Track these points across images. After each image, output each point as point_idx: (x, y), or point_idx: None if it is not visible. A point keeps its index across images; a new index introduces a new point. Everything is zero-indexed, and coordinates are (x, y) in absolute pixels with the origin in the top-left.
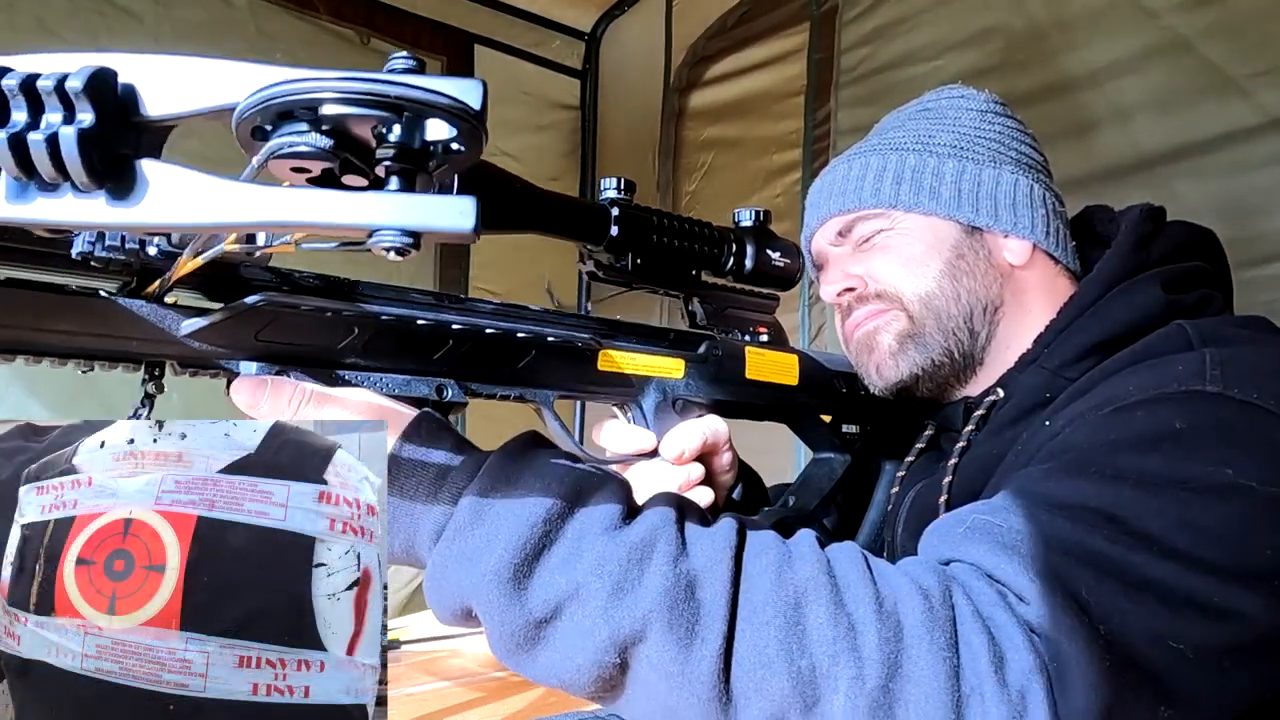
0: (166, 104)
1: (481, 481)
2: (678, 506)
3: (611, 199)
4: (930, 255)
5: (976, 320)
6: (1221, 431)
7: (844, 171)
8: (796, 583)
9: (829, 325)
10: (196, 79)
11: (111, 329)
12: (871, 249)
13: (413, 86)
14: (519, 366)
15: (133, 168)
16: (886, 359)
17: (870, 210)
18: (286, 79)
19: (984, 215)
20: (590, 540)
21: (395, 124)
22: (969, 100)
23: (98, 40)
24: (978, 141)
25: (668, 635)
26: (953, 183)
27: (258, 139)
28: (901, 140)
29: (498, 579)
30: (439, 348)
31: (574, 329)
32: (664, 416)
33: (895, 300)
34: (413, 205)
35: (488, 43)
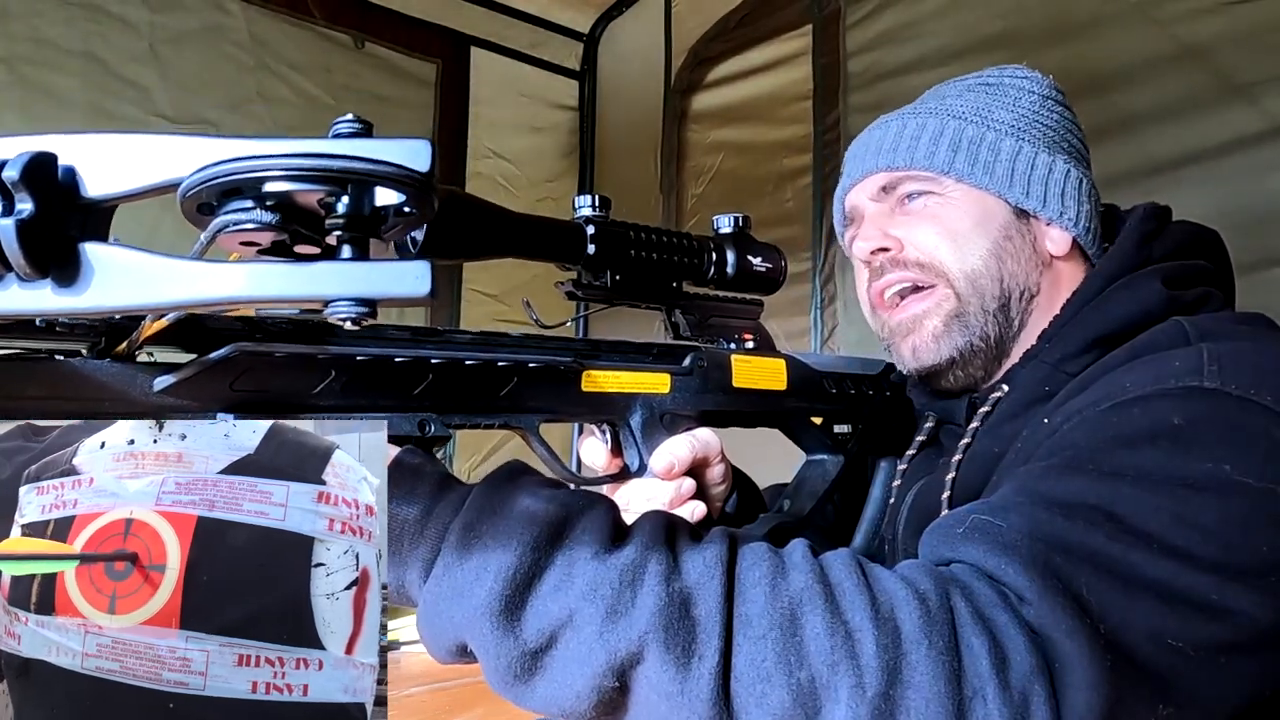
0: (109, 184)
1: (466, 516)
2: (667, 524)
3: (587, 216)
4: (978, 231)
5: (1014, 306)
6: (1219, 428)
7: (897, 128)
8: (791, 593)
9: (841, 327)
10: (138, 156)
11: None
12: (914, 214)
13: (356, 159)
14: (501, 395)
15: (78, 252)
16: (929, 341)
17: (921, 171)
18: (227, 157)
19: (1034, 199)
20: (580, 565)
21: (342, 195)
22: (1032, 82)
23: (93, 49)
24: (1035, 125)
25: (665, 655)
26: (1008, 161)
27: (204, 214)
28: (960, 109)
29: (489, 612)
30: (418, 383)
31: (555, 352)
32: (652, 432)
33: (937, 273)
34: (366, 274)
35: (484, 44)
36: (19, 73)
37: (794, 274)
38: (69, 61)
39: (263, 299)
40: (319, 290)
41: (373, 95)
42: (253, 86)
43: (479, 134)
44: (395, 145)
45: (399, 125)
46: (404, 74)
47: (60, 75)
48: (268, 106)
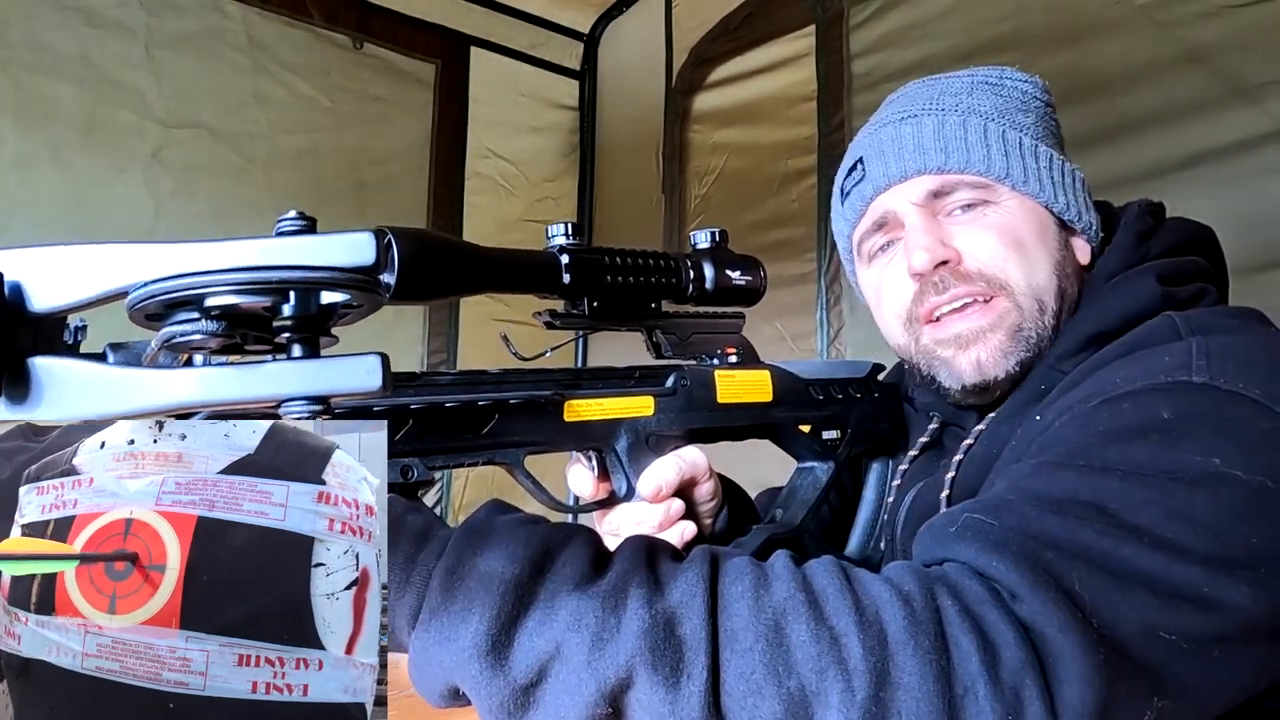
0: (56, 296)
1: (447, 561)
2: (647, 547)
3: (561, 245)
4: (1040, 243)
5: (1062, 318)
6: (1208, 422)
7: (933, 126)
8: (774, 604)
9: (848, 327)
10: (84, 267)
11: None
12: (971, 223)
13: (296, 268)
14: (483, 432)
15: (26, 367)
16: (996, 356)
17: (975, 176)
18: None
19: (1072, 210)
20: (563, 598)
21: (286, 301)
22: (1034, 87)
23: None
24: (1050, 131)
25: (654, 676)
26: (1047, 169)
27: (153, 321)
28: (986, 109)
29: (477, 653)
30: (399, 429)
31: (536, 385)
32: (639, 456)
33: (1000, 285)
34: (318, 371)
35: (484, 44)
36: (14, 78)
37: (799, 275)
38: (64, 66)
39: (216, 403)
40: (272, 391)
41: (371, 96)
42: (249, 90)
43: (479, 134)
44: (338, 242)
45: (398, 126)
46: (403, 75)
47: (56, 80)
48: (264, 110)
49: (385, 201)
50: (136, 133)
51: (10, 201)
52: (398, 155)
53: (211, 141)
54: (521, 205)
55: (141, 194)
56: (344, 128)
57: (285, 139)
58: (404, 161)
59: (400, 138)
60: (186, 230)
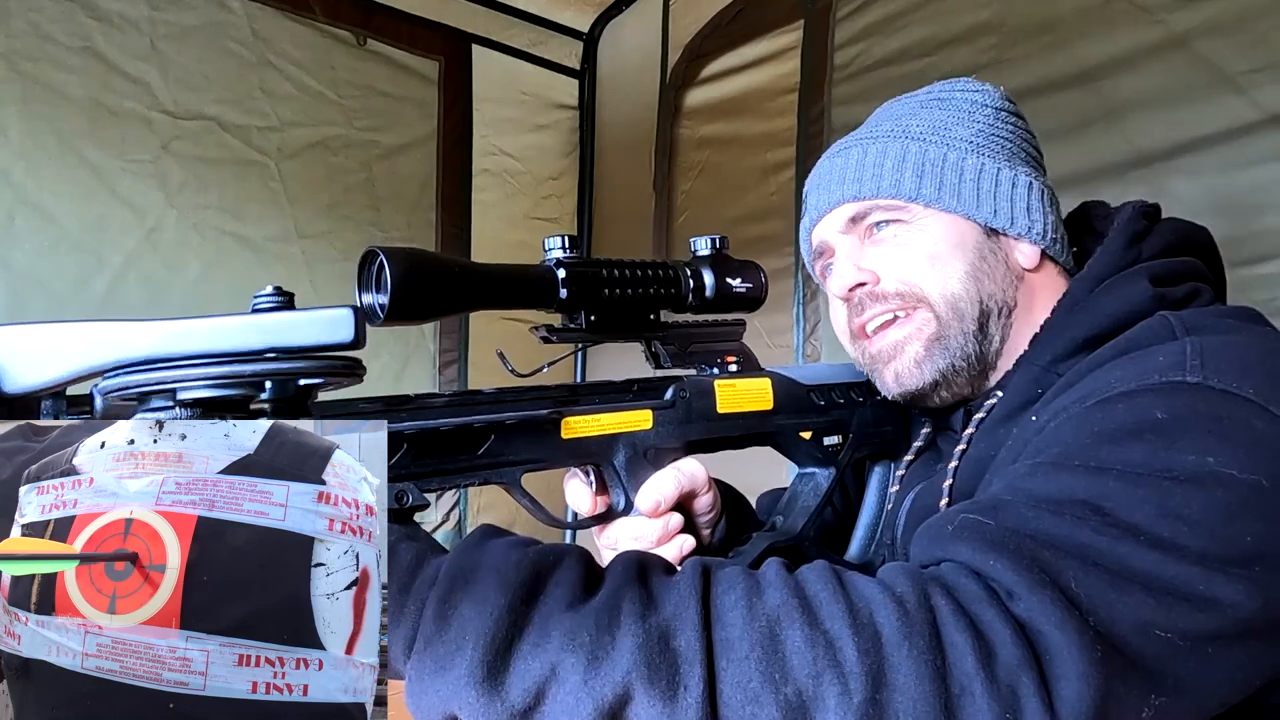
0: (30, 376)
1: (440, 589)
2: (638, 563)
3: (558, 259)
4: (954, 255)
5: (992, 324)
6: (1202, 421)
7: (858, 156)
8: (768, 611)
9: (824, 322)
10: (56, 347)
11: None
12: (885, 243)
13: (270, 359)
14: (479, 453)
15: None
16: (910, 367)
17: (888, 200)
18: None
19: (1002, 217)
20: (556, 619)
21: (262, 391)
22: (985, 95)
23: (94, 45)
24: (993, 139)
25: (651, 691)
26: (973, 181)
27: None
28: (918, 129)
29: (473, 680)
30: (393, 454)
31: (532, 404)
32: (637, 470)
33: (917, 300)
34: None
35: (485, 43)
36: (19, 69)
37: (776, 270)
38: (70, 58)
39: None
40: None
41: (377, 91)
42: (255, 82)
43: (484, 131)
44: (317, 320)
45: (404, 121)
46: (407, 71)
47: (61, 72)
48: (272, 103)
49: (396, 195)
50: (145, 124)
51: (16, 191)
52: (405, 150)
53: (221, 133)
54: (528, 202)
55: (152, 185)
56: (352, 121)
57: (296, 132)
58: (412, 156)
59: (407, 133)
60: (198, 222)
